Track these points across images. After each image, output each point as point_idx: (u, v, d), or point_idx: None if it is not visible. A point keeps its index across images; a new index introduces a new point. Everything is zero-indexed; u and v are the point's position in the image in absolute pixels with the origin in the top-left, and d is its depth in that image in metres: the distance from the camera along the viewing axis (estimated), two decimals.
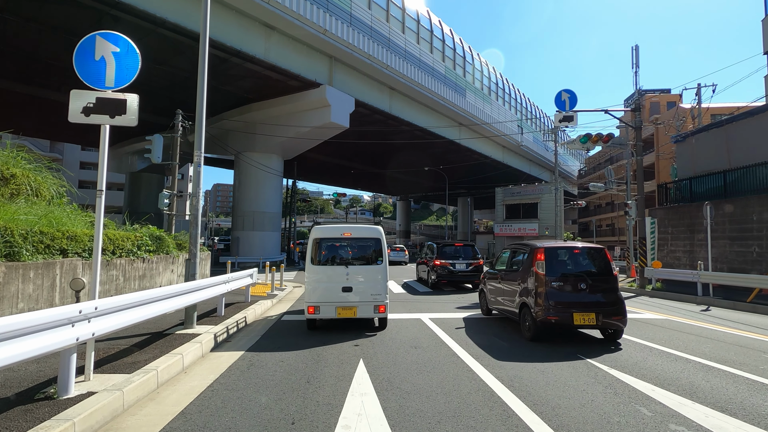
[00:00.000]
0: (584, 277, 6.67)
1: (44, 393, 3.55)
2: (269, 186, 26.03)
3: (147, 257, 9.78)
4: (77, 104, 3.95)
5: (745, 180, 14.63)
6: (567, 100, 14.42)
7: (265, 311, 9.38)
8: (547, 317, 6.33)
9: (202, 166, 6.68)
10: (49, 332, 3.16)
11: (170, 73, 20.96)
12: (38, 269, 6.33)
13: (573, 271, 6.86)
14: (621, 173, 35.89)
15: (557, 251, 6.96)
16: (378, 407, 3.76)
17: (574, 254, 7.08)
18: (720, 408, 3.81)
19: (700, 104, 24.61)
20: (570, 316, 6.27)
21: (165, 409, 3.73)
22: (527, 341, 6.51)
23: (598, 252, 7.05)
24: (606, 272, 6.80)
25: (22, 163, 8.76)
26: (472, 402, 3.91)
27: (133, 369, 4.31)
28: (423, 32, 28.66)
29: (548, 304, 6.38)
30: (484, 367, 5.03)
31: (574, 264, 7.01)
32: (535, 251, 6.88)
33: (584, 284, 6.55)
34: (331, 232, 7.53)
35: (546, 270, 6.60)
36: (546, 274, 6.57)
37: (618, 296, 6.62)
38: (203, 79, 6.61)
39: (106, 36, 4.08)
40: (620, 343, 6.43)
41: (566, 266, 6.94)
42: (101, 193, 4.03)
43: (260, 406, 3.78)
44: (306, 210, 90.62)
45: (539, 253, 6.77)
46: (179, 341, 5.61)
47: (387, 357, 5.49)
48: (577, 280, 6.60)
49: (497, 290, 8.26)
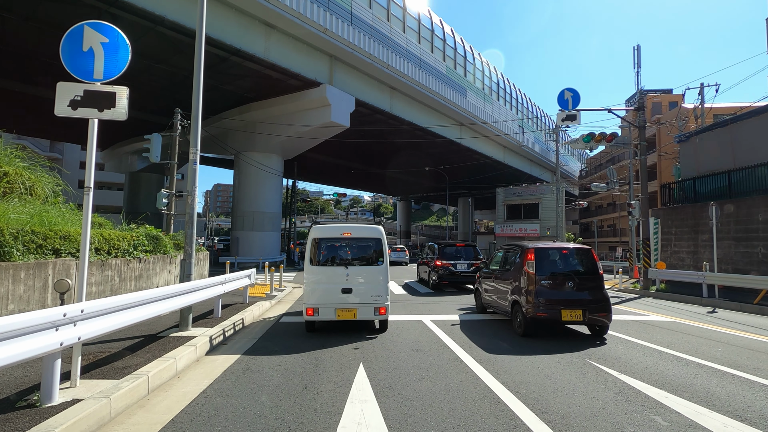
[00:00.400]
0: (572, 276, 7.02)
1: (27, 400, 3.37)
2: (269, 186, 25.87)
3: (144, 257, 9.60)
4: (64, 97, 3.77)
5: (751, 180, 14.42)
6: (570, 99, 14.27)
7: (263, 313, 9.20)
8: (536, 314, 6.66)
9: (197, 164, 6.50)
10: (30, 337, 2.97)
11: (170, 72, 20.81)
12: (29, 270, 6.15)
13: (561, 270, 7.20)
14: (623, 173, 35.72)
15: (547, 251, 7.28)
16: (379, 415, 3.57)
17: (562, 254, 7.42)
18: (739, 417, 3.62)
19: (703, 104, 24.41)
20: (558, 313, 6.60)
21: (154, 417, 3.55)
22: (534, 345, 6.33)
23: (585, 252, 7.38)
24: (593, 271, 7.14)
25: (16, 161, 8.60)
26: (477, 410, 3.73)
27: (123, 374, 4.13)
28: (424, 32, 28.49)
29: (538, 301, 6.71)
30: (488, 372, 4.84)
31: (563, 264, 7.34)
32: (526, 251, 7.21)
33: (572, 283, 6.91)
34: (331, 231, 7.34)
35: (536, 269, 6.93)
36: (536, 273, 6.90)
37: (604, 294, 6.91)
38: (199, 75, 6.44)
39: (95, 26, 3.91)
40: (606, 339, 6.73)
41: (555, 266, 7.26)
42: (89, 191, 3.85)
43: (255, 414, 3.59)
44: (306, 210, 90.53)
45: (530, 253, 7.10)
46: (173, 344, 5.43)
47: (388, 361, 5.31)
48: (565, 279, 6.97)
49: (491, 289, 8.55)
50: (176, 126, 16.72)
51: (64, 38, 3.84)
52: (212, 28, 16.93)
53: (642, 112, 16.35)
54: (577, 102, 14.16)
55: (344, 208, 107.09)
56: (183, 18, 16.12)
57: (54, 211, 8.22)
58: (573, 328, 7.56)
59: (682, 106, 29.13)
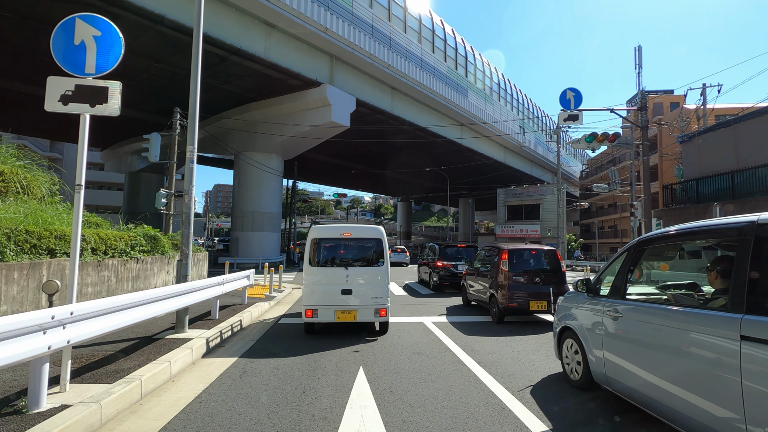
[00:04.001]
0: (539, 273, 8.21)
1: (13, 406, 3.24)
2: (269, 186, 25.74)
3: (141, 258, 9.48)
4: (55, 92, 3.64)
5: (754, 181, 14.29)
6: (572, 99, 14.13)
7: (262, 314, 9.07)
8: (509, 304, 7.89)
9: (195, 162, 6.38)
10: (15, 341, 2.85)
11: (170, 71, 20.70)
12: (23, 270, 6.03)
13: (531, 268, 8.41)
14: (624, 174, 35.58)
15: (520, 252, 8.63)
16: (379, 422, 3.44)
17: (532, 255, 8.73)
18: None
19: (705, 104, 24.28)
20: (527, 303, 7.83)
21: (146, 423, 3.42)
22: (536, 348, 6.20)
23: (551, 253, 8.75)
24: (557, 269, 8.44)
25: (11, 160, 8.48)
26: (481, 416, 3.60)
27: (116, 378, 4.00)
28: (425, 32, 28.38)
29: (510, 294, 7.92)
30: (491, 376, 4.71)
31: (532, 262, 8.59)
32: (501, 252, 8.49)
33: (539, 278, 8.10)
34: (331, 232, 7.21)
35: (509, 267, 8.16)
36: (509, 270, 8.12)
37: (566, 288, 8.03)
38: (197, 73, 6.32)
39: (87, 19, 3.78)
40: None
41: (525, 264, 8.49)
42: (80, 189, 3.72)
43: (251, 421, 3.47)
44: (306, 211, 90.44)
45: (504, 253, 8.39)
46: (168, 347, 5.30)
47: (388, 364, 5.18)
48: (533, 275, 8.13)
49: (474, 284, 9.76)
50: (175, 125, 16.60)
51: (55, 31, 3.72)
52: (212, 28, 16.82)
53: (644, 112, 16.21)
54: (579, 102, 14.01)
55: (344, 208, 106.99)
56: (183, 17, 16.01)
57: (50, 210, 8.10)
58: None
59: (684, 107, 28.99)
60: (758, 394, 2.24)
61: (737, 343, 2.37)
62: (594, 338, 3.92)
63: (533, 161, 45.99)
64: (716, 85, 23.60)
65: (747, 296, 2.42)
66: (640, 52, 31.87)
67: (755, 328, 2.30)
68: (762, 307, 2.35)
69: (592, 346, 3.95)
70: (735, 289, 2.52)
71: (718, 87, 23.65)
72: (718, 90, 23.69)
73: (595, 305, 3.99)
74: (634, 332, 3.37)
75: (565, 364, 4.57)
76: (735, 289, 2.52)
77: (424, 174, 41.60)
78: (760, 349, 2.25)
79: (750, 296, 2.41)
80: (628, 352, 3.40)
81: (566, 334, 4.54)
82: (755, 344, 2.28)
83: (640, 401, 3.26)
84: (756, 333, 2.29)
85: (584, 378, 4.13)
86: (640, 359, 3.22)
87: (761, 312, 2.33)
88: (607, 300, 3.83)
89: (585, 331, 4.10)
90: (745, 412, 2.30)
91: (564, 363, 4.61)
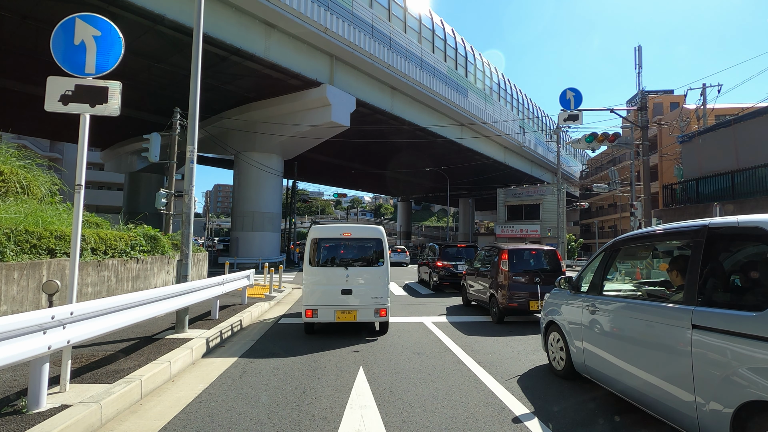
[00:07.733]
0: (539, 273, 8.13)
1: (13, 406, 3.24)
2: (269, 186, 25.74)
3: (141, 258, 9.48)
4: (55, 92, 3.64)
5: (754, 181, 14.29)
6: (572, 99, 14.11)
7: (262, 314, 9.07)
8: (509, 304, 7.86)
9: (195, 162, 6.38)
10: (14, 341, 2.85)
11: (170, 71, 20.70)
12: (23, 270, 6.03)
13: (531, 268, 8.36)
14: (624, 174, 35.59)
15: (520, 252, 8.58)
16: (379, 422, 3.44)
17: (532, 254, 8.67)
18: None
19: (705, 104, 24.27)
20: (527, 303, 7.79)
21: (146, 423, 3.42)
22: (536, 349, 6.20)
23: (551, 253, 8.72)
24: (557, 269, 8.44)
25: (11, 160, 8.48)
26: (481, 416, 3.60)
27: (116, 378, 4.00)
28: (425, 32, 28.38)
29: (510, 294, 7.90)
30: (492, 376, 4.71)
31: (532, 262, 8.55)
32: (501, 252, 8.45)
33: (538, 278, 7.99)
34: (330, 231, 7.20)
35: (509, 267, 8.13)
36: (509, 270, 8.09)
37: None
38: (197, 72, 6.32)
39: (87, 19, 3.78)
40: None
41: (525, 264, 8.45)
42: (80, 188, 3.72)
43: (251, 421, 3.47)
44: (306, 211, 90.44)
45: (504, 253, 8.35)
46: (168, 347, 5.30)
47: (389, 364, 5.18)
48: (534, 275, 8.06)
49: (474, 284, 9.73)
50: (175, 125, 16.60)
51: (55, 31, 3.72)
52: (212, 28, 16.82)
53: (644, 112, 16.20)
54: (579, 102, 14.00)
55: (344, 208, 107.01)
56: (183, 17, 16.01)
57: (50, 210, 8.09)
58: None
59: (684, 107, 28.98)
60: (706, 374, 2.56)
61: (689, 331, 2.71)
62: (575, 331, 4.27)
63: (533, 161, 45.98)
64: (716, 85, 23.60)
65: (698, 291, 2.76)
66: (640, 52, 31.84)
67: (704, 318, 2.64)
68: (711, 300, 2.69)
69: (573, 338, 4.31)
70: (689, 285, 2.86)
71: (718, 87, 23.64)
72: (718, 90, 23.70)
73: (576, 300, 4.34)
74: (608, 324, 3.73)
75: (550, 354, 4.93)
76: (689, 285, 2.86)
77: (424, 174, 41.59)
78: (708, 336, 2.59)
79: (701, 290, 2.75)
80: (603, 343, 3.74)
81: (551, 328, 4.90)
82: (704, 332, 2.62)
83: (614, 388, 3.59)
84: (704, 322, 2.63)
85: (567, 368, 4.48)
86: (614, 349, 3.56)
87: (710, 304, 2.67)
88: (586, 296, 4.18)
89: (567, 324, 4.47)
90: (695, 390, 2.62)
91: (549, 354, 4.97)
